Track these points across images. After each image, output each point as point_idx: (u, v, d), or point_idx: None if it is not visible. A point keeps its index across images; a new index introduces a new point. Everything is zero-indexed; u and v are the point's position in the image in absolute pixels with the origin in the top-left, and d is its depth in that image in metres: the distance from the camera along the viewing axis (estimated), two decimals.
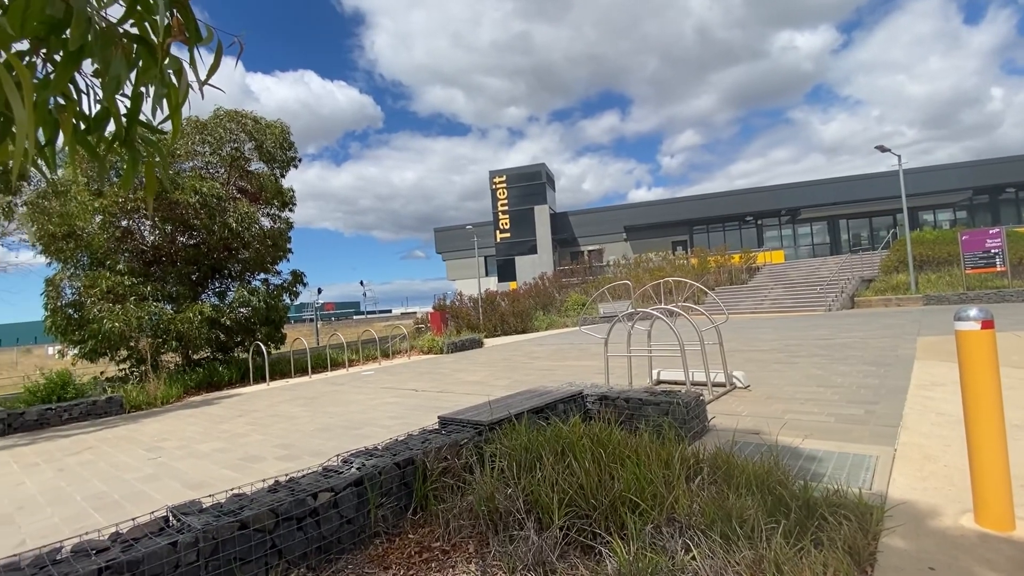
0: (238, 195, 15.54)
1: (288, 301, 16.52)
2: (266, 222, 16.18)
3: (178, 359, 14.57)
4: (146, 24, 1.07)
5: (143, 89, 1.13)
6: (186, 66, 1.17)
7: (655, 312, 6.61)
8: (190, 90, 1.26)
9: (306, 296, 19.47)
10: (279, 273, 16.70)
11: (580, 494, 3.18)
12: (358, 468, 3.43)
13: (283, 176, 16.52)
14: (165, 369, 13.18)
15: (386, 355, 16.15)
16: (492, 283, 38.88)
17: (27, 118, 0.90)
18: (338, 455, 3.81)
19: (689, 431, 4.70)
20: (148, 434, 7.52)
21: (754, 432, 4.91)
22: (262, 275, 16.78)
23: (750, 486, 3.20)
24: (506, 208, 41.26)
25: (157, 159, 1.31)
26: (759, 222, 37.78)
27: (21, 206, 12.01)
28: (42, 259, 13.70)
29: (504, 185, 41.36)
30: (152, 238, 15.10)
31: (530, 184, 40.76)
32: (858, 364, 8.08)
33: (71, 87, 1.09)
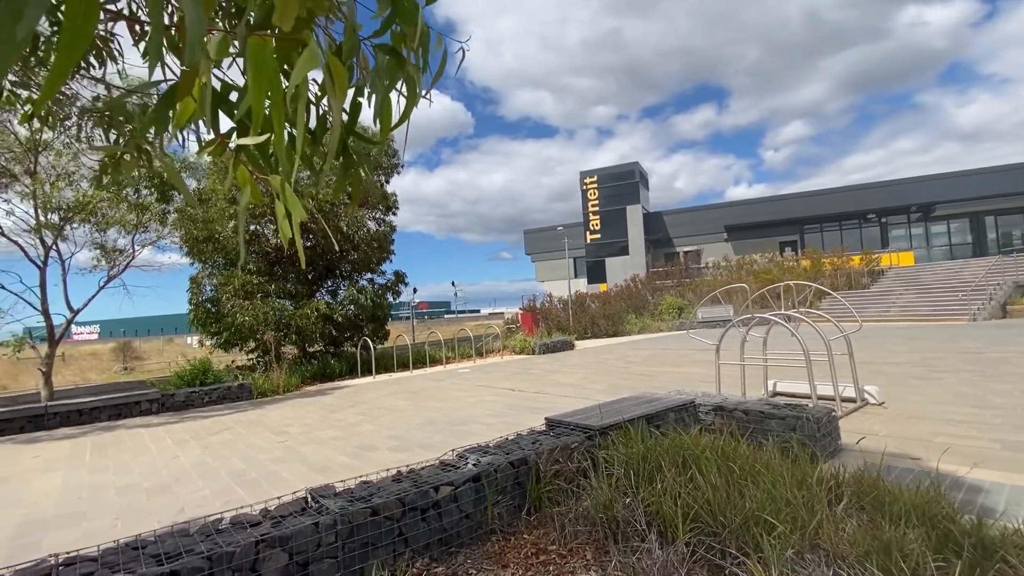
0: (347, 200, 16.67)
1: (391, 299, 17.48)
2: (372, 225, 17.22)
3: (296, 351, 15.94)
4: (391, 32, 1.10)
5: (360, 99, 1.18)
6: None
7: (773, 317, 6.12)
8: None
9: (403, 295, 20.46)
10: (383, 273, 17.73)
11: (706, 509, 2.99)
12: (474, 464, 3.49)
13: (387, 182, 17.49)
14: (286, 360, 14.44)
15: (479, 354, 16.53)
16: (582, 285, 38.47)
17: (337, 121, 0.94)
18: (453, 450, 3.90)
19: (821, 450, 4.28)
20: (274, 419, 8.26)
21: (900, 456, 4.36)
22: (368, 275, 17.90)
23: (908, 517, 2.82)
24: (597, 208, 40.63)
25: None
26: (883, 220, 33.92)
27: (173, 213, 13.75)
28: (186, 260, 15.66)
29: (595, 185, 40.78)
30: (275, 241, 16.66)
31: (622, 184, 39.80)
32: (1020, 383, 6.94)
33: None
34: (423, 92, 1.26)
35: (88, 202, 11.17)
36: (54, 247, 11.23)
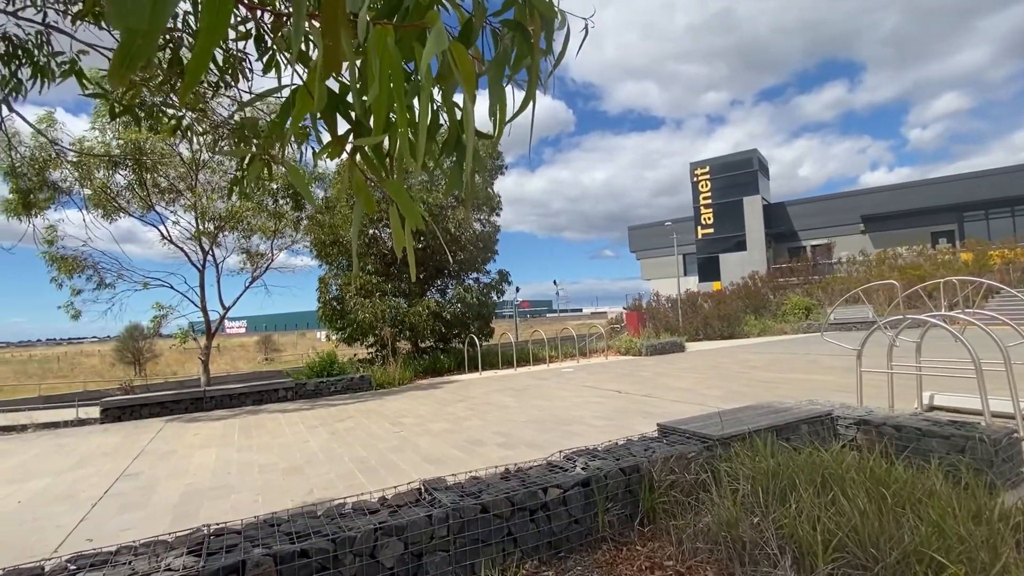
0: (455, 203, 17.33)
1: (495, 298, 17.89)
2: (477, 226, 17.74)
3: (409, 347, 16.90)
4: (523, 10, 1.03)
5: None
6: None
7: (933, 319, 5.24)
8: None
9: (506, 294, 20.84)
10: (488, 273, 18.20)
11: (852, 538, 2.60)
12: (583, 468, 3.37)
13: (492, 183, 17.89)
14: (400, 355, 15.34)
15: (583, 353, 16.30)
16: (692, 283, 36.47)
17: (470, 116, 0.91)
18: (560, 451, 3.81)
19: (1000, 478, 3.57)
20: (391, 410, 8.78)
21: None
22: (474, 275, 18.49)
23: None
24: (709, 201, 38.23)
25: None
26: None
27: (304, 220, 15.25)
28: (315, 262, 17.29)
29: (707, 177, 38.40)
30: (391, 243, 17.80)
31: (739, 173, 36.99)
32: None
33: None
34: (544, 79, 1.16)
35: (236, 212, 12.72)
36: (210, 252, 12.95)
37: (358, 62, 1.14)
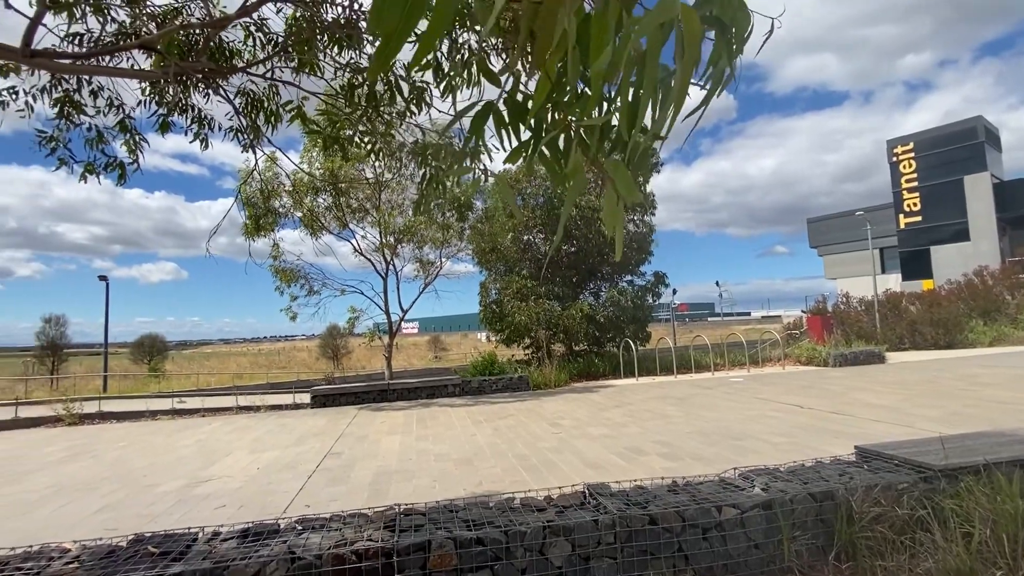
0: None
1: (650, 301, 17.24)
2: (631, 227, 17.29)
3: (563, 349, 17.13)
4: None
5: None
6: None
7: None
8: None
9: (662, 296, 19.92)
10: (642, 274, 17.63)
11: None
12: (762, 488, 3.05)
13: (646, 182, 17.30)
14: (555, 357, 15.63)
15: (754, 362, 14.83)
16: (892, 282, 30.92)
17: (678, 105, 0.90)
18: (735, 468, 3.51)
19: None
20: (548, 411, 8.98)
21: None
22: (628, 277, 18.06)
23: None
24: (914, 184, 32.09)
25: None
26: None
27: (467, 230, 16.43)
28: (475, 268, 18.51)
29: (911, 155, 32.29)
30: (545, 248, 18.27)
31: (957, 148, 30.36)
32: None
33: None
34: (726, 80, 1.07)
35: (412, 225, 14.22)
36: (391, 262, 14.66)
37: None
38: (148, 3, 3.73)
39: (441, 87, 2.17)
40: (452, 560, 2.47)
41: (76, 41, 3.63)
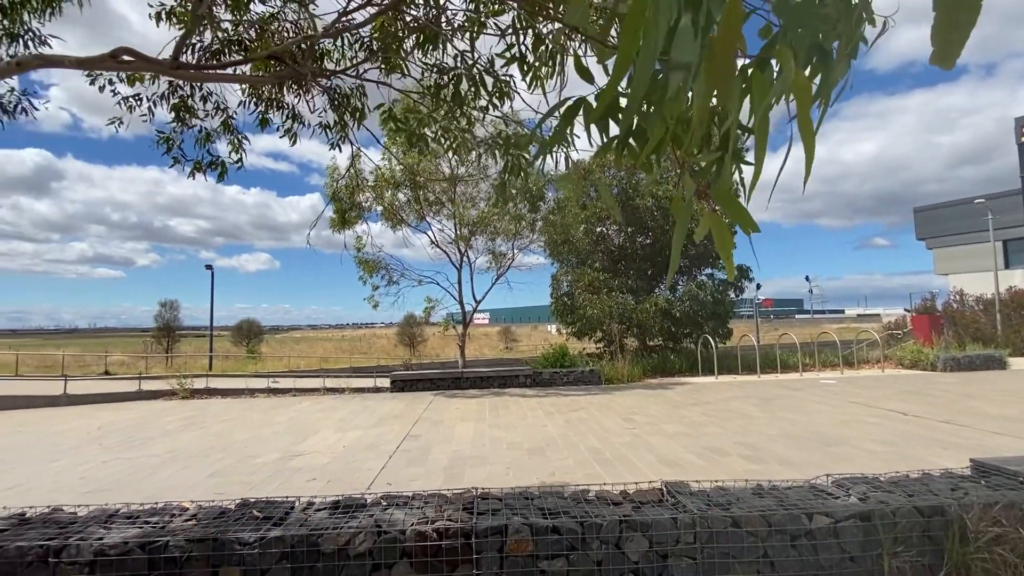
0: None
1: (732, 296, 16.43)
2: None
3: (637, 344, 16.75)
4: None
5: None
6: None
7: None
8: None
9: (746, 291, 18.89)
10: (723, 268, 16.81)
11: None
12: (859, 498, 2.84)
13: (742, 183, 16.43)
14: (628, 352, 15.33)
15: (848, 363, 13.72)
16: (1017, 278, 27.33)
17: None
18: (827, 475, 3.29)
19: None
20: (621, 405, 8.84)
21: None
22: (708, 270, 17.31)
23: None
24: None
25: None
26: None
27: (539, 221, 16.44)
28: (546, 260, 18.48)
29: None
30: (618, 240, 17.90)
31: None
32: None
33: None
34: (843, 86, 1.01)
35: (485, 217, 14.45)
36: (465, 254, 15.00)
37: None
38: (250, 12, 4.06)
39: (527, 78, 2.19)
40: (528, 546, 2.51)
41: (188, 51, 4.02)
